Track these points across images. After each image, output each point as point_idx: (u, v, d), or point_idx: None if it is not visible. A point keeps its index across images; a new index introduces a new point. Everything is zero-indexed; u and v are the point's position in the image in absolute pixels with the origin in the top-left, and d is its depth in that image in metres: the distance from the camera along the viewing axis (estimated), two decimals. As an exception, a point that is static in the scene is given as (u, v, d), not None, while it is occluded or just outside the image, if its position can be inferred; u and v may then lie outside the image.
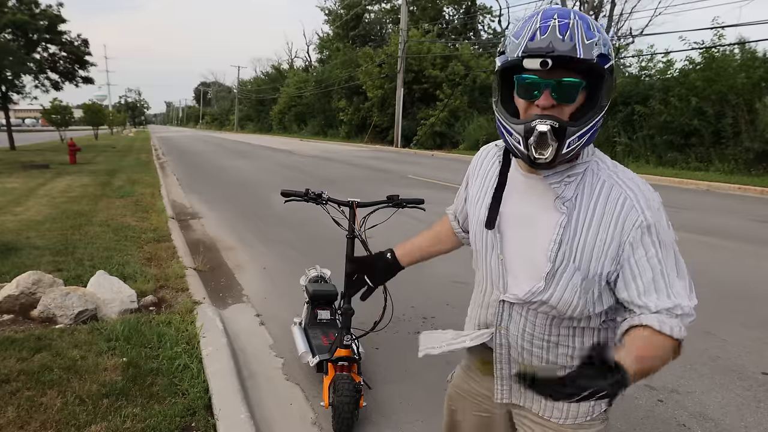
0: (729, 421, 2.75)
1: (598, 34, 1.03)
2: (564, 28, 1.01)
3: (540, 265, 1.14)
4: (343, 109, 35.92)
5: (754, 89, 14.23)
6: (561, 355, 1.22)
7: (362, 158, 20.23)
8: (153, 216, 7.56)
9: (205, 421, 2.53)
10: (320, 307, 3.34)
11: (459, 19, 36.95)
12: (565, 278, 1.12)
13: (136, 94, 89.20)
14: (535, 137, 1.03)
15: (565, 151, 1.05)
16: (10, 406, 2.52)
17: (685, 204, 9.86)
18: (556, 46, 1.00)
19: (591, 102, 1.07)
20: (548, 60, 1.00)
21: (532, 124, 1.04)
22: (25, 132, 49.94)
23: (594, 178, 1.13)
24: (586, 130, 1.06)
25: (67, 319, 3.60)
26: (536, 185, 1.16)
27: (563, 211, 1.12)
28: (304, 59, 63.44)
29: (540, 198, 1.16)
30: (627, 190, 1.11)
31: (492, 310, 1.26)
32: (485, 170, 1.31)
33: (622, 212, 1.09)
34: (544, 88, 1.05)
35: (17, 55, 19.37)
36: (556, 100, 1.05)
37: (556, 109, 1.06)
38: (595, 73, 1.05)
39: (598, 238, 1.10)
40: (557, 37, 1.01)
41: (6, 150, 21.64)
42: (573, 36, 1.01)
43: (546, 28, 1.02)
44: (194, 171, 15.55)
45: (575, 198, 1.12)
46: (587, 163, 1.14)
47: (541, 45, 1.01)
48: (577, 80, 1.04)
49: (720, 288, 4.84)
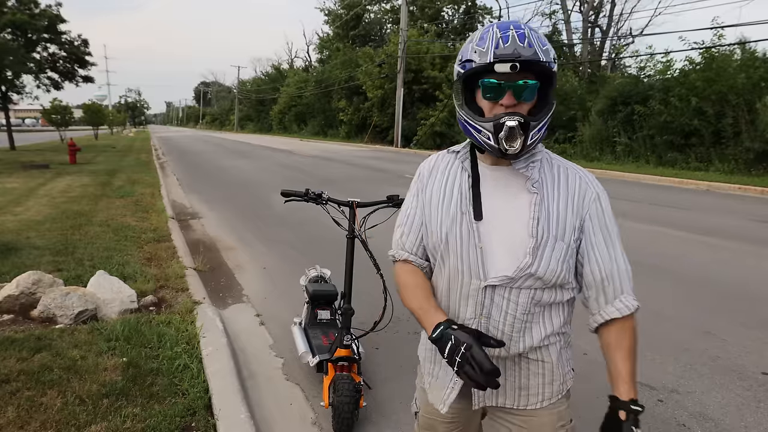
0: (729, 421, 2.75)
1: (547, 43, 1.22)
2: (522, 37, 1.18)
3: (523, 243, 1.25)
4: (343, 109, 35.91)
5: (755, 89, 14.22)
6: (536, 337, 1.30)
7: (362, 158, 20.23)
8: (153, 216, 7.57)
9: (205, 421, 2.53)
10: (320, 307, 3.34)
11: (459, 19, 36.94)
12: (548, 249, 1.25)
13: (136, 94, 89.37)
14: (506, 131, 1.18)
15: (530, 142, 1.21)
16: (10, 406, 2.52)
17: (685, 204, 9.86)
18: (521, 52, 1.17)
19: (543, 100, 1.25)
20: (517, 64, 1.16)
21: (501, 120, 1.19)
22: (25, 132, 49.94)
23: (550, 164, 1.32)
24: (543, 124, 1.23)
25: (67, 319, 3.60)
26: (504, 176, 1.31)
27: (535, 191, 1.27)
28: (304, 59, 63.54)
29: (510, 186, 1.30)
30: (579, 173, 1.33)
31: (472, 301, 1.30)
32: (443, 173, 1.39)
33: (580, 189, 1.30)
34: (508, 89, 1.20)
35: (17, 55, 19.36)
36: (517, 99, 1.21)
37: (517, 108, 1.22)
38: (546, 76, 1.22)
39: (568, 211, 1.28)
40: (519, 45, 1.17)
41: (6, 150, 21.64)
42: (531, 43, 1.18)
43: (507, 38, 1.18)
44: (194, 171, 15.55)
45: (541, 179, 1.29)
46: (541, 152, 1.33)
47: (508, 51, 1.17)
48: (535, 81, 1.21)
49: (720, 288, 4.84)
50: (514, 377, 1.34)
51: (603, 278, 1.29)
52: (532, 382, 1.34)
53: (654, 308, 4.27)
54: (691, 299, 4.53)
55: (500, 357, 1.31)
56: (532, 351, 1.32)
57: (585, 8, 25.94)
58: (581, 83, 21.20)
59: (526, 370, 1.33)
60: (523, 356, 1.32)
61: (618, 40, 26.54)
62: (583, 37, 26.09)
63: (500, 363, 1.31)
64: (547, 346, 1.32)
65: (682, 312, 4.22)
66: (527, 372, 1.33)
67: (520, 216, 1.26)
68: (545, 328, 1.31)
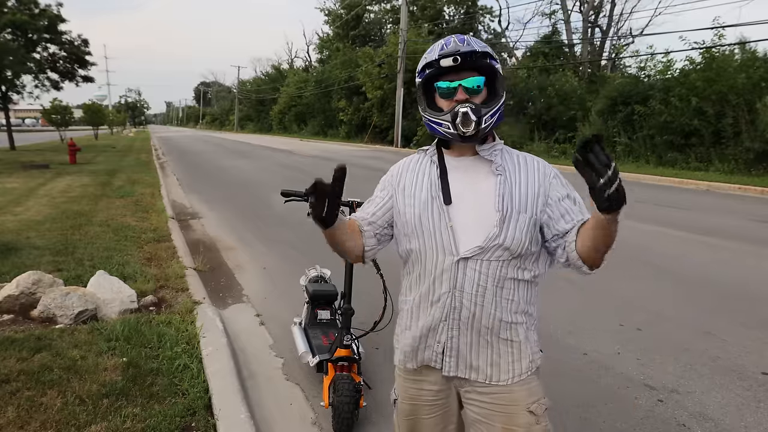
0: (729, 421, 2.75)
1: (485, 44, 1.45)
2: (461, 40, 1.43)
3: (490, 217, 1.42)
4: (343, 109, 35.89)
5: (755, 89, 14.22)
6: (506, 310, 1.43)
7: (362, 158, 20.23)
8: (153, 216, 7.57)
9: (205, 421, 2.53)
10: (320, 307, 3.34)
11: (459, 20, 36.93)
12: (513, 221, 1.41)
13: (136, 94, 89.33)
14: (461, 117, 1.39)
15: (484, 125, 1.41)
16: (10, 406, 2.52)
17: (685, 204, 9.86)
18: (460, 48, 1.41)
19: (492, 93, 1.46)
20: (458, 57, 1.39)
21: (456, 109, 1.41)
22: (25, 132, 49.92)
23: (509, 153, 1.53)
24: (495, 110, 1.43)
25: (67, 319, 3.60)
26: (469, 164, 1.50)
27: (499, 173, 1.46)
28: (304, 59, 63.48)
29: (475, 172, 1.49)
30: (536, 158, 1.54)
31: (447, 275, 1.43)
32: (413, 169, 1.57)
33: (540, 169, 1.50)
34: (458, 87, 1.43)
35: (17, 55, 19.36)
36: (467, 93, 1.43)
37: (470, 100, 1.43)
38: (490, 72, 1.45)
39: (530, 187, 1.46)
40: (459, 45, 1.42)
41: (6, 150, 21.64)
42: (470, 43, 1.42)
43: (449, 42, 1.44)
44: (194, 171, 15.55)
45: (503, 164, 1.49)
46: (501, 143, 1.53)
47: (450, 50, 1.41)
48: (479, 77, 1.43)
49: (720, 288, 4.84)
50: (487, 353, 1.44)
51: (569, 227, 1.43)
52: (503, 358, 1.45)
53: (654, 308, 4.27)
54: (691, 299, 4.53)
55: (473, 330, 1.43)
56: (502, 329, 1.43)
57: (585, 8, 25.94)
58: (581, 83, 21.21)
59: (496, 348, 1.44)
60: (494, 333, 1.43)
61: (618, 40, 26.55)
62: (583, 37, 26.10)
63: (473, 338, 1.44)
64: (515, 325, 1.45)
65: (682, 312, 4.21)
66: (497, 350, 1.44)
67: (487, 196, 1.44)
68: (513, 303, 1.44)
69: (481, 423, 1.47)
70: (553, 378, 2.75)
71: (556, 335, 3.74)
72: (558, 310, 4.14)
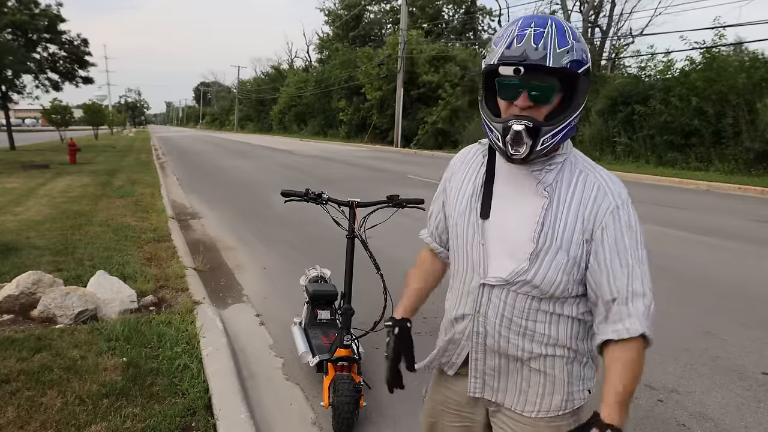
0: (729, 421, 2.75)
1: (571, 41, 1.13)
2: (538, 37, 1.11)
3: (524, 246, 1.20)
4: (343, 109, 35.91)
5: (755, 89, 14.22)
6: (536, 343, 1.25)
7: (362, 158, 20.22)
8: (153, 216, 7.56)
9: (205, 421, 2.53)
10: (320, 307, 3.33)
11: (459, 19, 36.93)
12: (549, 258, 1.18)
13: (136, 94, 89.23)
14: (511, 136, 1.15)
15: (539, 148, 1.16)
16: (10, 406, 2.51)
17: (685, 204, 9.86)
18: (529, 55, 1.10)
19: (567, 102, 1.17)
20: (521, 68, 1.11)
21: (509, 123, 1.15)
22: (25, 132, 49.91)
23: (572, 167, 1.24)
24: (560, 129, 1.16)
25: (67, 319, 3.60)
26: (518, 174, 1.25)
27: (545, 195, 1.21)
28: (304, 59, 63.47)
29: (522, 185, 1.25)
30: (600, 179, 1.22)
31: (472, 297, 1.29)
32: (468, 165, 1.37)
33: (597, 196, 1.19)
34: (523, 90, 1.15)
35: (17, 55, 19.36)
36: (533, 101, 1.15)
37: (534, 110, 1.16)
38: (570, 77, 1.15)
39: (578, 220, 1.19)
40: (531, 46, 1.11)
41: (6, 150, 21.63)
42: (546, 45, 1.11)
43: (522, 37, 1.12)
44: (194, 171, 15.55)
45: (555, 184, 1.22)
46: (566, 155, 1.24)
47: (515, 54, 1.11)
48: (552, 83, 1.15)
49: (720, 288, 4.84)
50: (516, 378, 1.30)
51: (610, 297, 1.18)
52: (532, 389, 1.29)
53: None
54: (691, 299, 4.53)
55: (499, 354, 1.30)
56: (534, 359, 1.26)
57: (585, 8, 25.95)
58: (581, 83, 21.17)
59: (527, 376, 1.29)
60: (524, 362, 1.28)
61: (618, 40, 26.55)
62: (583, 37, 26.10)
63: (503, 361, 1.30)
64: (552, 357, 1.26)
65: (682, 312, 4.21)
66: (528, 378, 1.29)
67: (527, 219, 1.21)
68: (546, 337, 1.25)
69: None
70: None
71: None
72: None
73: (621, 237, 1.17)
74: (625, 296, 1.16)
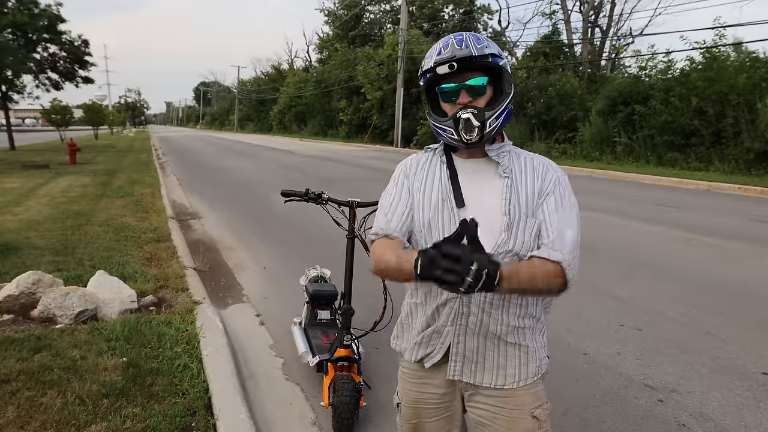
0: (729, 421, 2.75)
1: (486, 42, 1.39)
2: (459, 41, 1.37)
3: (498, 222, 1.38)
4: (343, 109, 35.90)
5: (755, 89, 14.22)
6: (512, 314, 1.41)
7: (362, 158, 20.22)
8: (153, 216, 7.57)
9: (205, 421, 2.53)
10: (320, 307, 3.33)
11: (458, 19, 36.93)
12: (521, 225, 1.38)
13: (136, 94, 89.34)
14: (462, 124, 1.36)
15: (488, 129, 1.37)
16: (10, 406, 2.52)
17: (685, 204, 9.86)
18: (457, 54, 1.35)
19: (498, 92, 1.41)
20: (454, 63, 1.34)
21: (458, 115, 1.36)
22: (25, 132, 49.93)
23: (517, 155, 1.48)
24: (500, 112, 1.39)
25: (67, 319, 3.60)
26: (478, 166, 1.46)
27: (506, 175, 1.42)
28: (304, 59, 63.39)
29: (483, 174, 1.45)
30: (543, 160, 1.48)
31: None
32: (425, 168, 1.52)
33: (544, 171, 1.44)
34: (461, 89, 1.38)
35: (17, 54, 19.36)
36: (471, 96, 1.38)
37: (474, 103, 1.39)
38: (494, 71, 1.39)
39: (535, 189, 1.42)
40: (456, 48, 1.36)
41: (6, 150, 21.65)
42: (468, 44, 1.36)
43: (447, 44, 1.37)
44: (194, 171, 15.55)
45: (511, 167, 1.44)
46: (509, 145, 1.49)
47: (446, 55, 1.36)
48: (482, 78, 1.38)
49: (720, 288, 4.84)
50: (493, 357, 1.43)
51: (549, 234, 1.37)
52: (510, 362, 1.43)
53: (654, 308, 4.27)
54: (691, 299, 4.53)
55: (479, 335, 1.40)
56: (510, 332, 1.41)
57: (585, 8, 25.92)
58: (581, 83, 21.19)
59: (503, 352, 1.42)
60: (501, 339, 1.41)
61: (618, 40, 26.54)
62: (583, 37, 26.07)
63: (480, 343, 1.42)
64: (523, 330, 1.42)
65: (682, 312, 4.21)
66: (505, 353, 1.43)
67: (495, 199, 1.40)
68: (521, 308, 1.41)
69: (484, 426, 1.46)
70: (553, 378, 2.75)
71: (556, 335, 3.74)
72: (558, 309, 4.13)
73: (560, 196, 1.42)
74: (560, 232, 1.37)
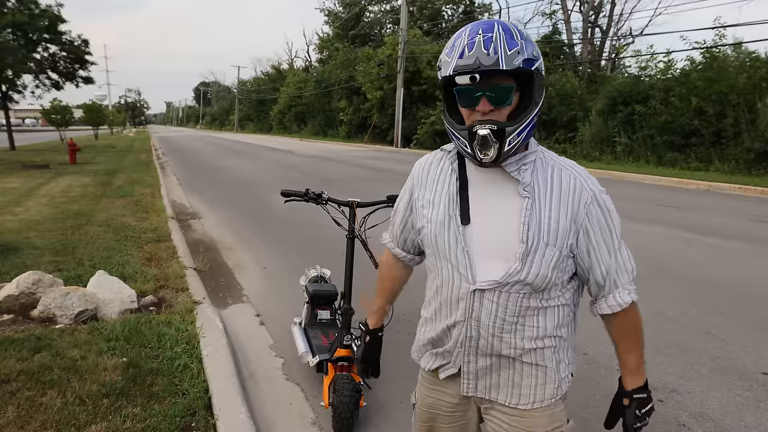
0: (729, 421, 2.75)
1: (520, 41, 1.15)
2: (488, 42, 1.13)
3: (513, 247, 1.22)
4: (343, 109, 35.91)
5: (755, 89, 14.22)
6: (527, 338, 1.28)
7: (362, 158, 20.22)
8: (153, 216, 7.56)
9: (205, 421, 2.53)
10: (320, 307, 3.33)
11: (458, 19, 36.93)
12: (539, 255, 1.21)
13: (136, 94, 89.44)
14: (478, 141, 1.16)
15: (507, 148, 1.18)
16: (10, 406, 2.51)
17: (685, 204, 9.85)
18: (482, 61, 1.12)
19: (525, 100, 1.19)
20: (476, 75, 1.13)
21: (474, 129, 1.17)
22: (25, 132, 49.91)
23: (544, 164, 1.26)
24: (523, 127, 1.18)
25: (67, 319, 3.60)
26: (494, 177, 1.26)
27: (526, 195, 1.22)
28: (304, 59, 63.46)
29: (500, 188, 1.26)
30: (574, 173, 1.26)
31: (462, 304, 1.29)
32: (436, 174, 1.37)
33: (575, 188, 1.23)
34: (482, 95, 1.17)
35: (17, 54, 19.36)
36: (493, 104, 1.17)
37: (495, 112, 1.18)
38: (525, 76, 1.17)
39: (561, 215, 1.22)
40: (483, 52, 1.12)
41: (6, 150, 21.64)
42: (497, 48, 1.12)
43: (472, 45, 1.14)
44: (194, 171, 15.55)
45: (533, 182, 1.23)
46: (535, 152, 1.27)
47: (469, 62, 1.13)
48: (509, 85, 1.17)
49: (720, 288, 4.84)
50: (508, 374, 1.32)
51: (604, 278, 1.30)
52: (525, 382, 1.32)
53: (654, 308, 4.27)
54: (691, 299, 4.53)
55: (491, 356, 1.31)
56: (525, 353, 1.29)
57: (585, 8, 25.92)
58: (581, 83, 21.20)
59: (519, 370, 1.32)
60: (517, 359, 1.30)
61: (618, 40, 26.54)
62: (583, 37, 26.07)
63: (493, 362, 1.32)
64: (542, 349, 1.30)
65: (682, 312, 4.21)
66: (521, 371, 1.31)
67: (511, 220, 1.22)
68: (536, 330, 1.28)
69: None
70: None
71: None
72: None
73: (603, 221, 1.25)
74: (615, 271, 1.28)
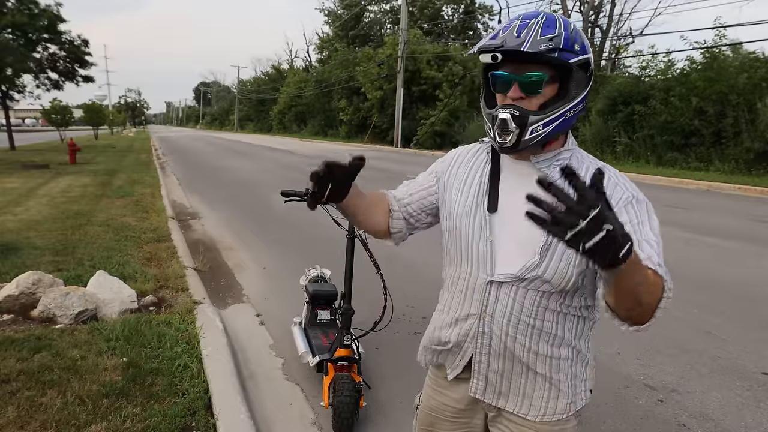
0: (729, 421, 2.75)
1: (560, 31, 1.12)
2: (522, 27, 1.12)
3: (533, 240, 1.17)
4: (343, 109, 35.93)
5: (755, 89, 14.22)
6: (543, 343, 1.23)
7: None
8: (153, 216, 7.56)
9: (205, 421, 2.53)
10: (320, 307, 3.34)
11: (458, 19, 36.94)
12: (560, 250, 1.16)
13: (136, 94, 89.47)
14: (498, 124, 1.16)
15: (528, 137, 1.15)
16: (10, 406, 2.51)
17: (685, 204, 9.86)
18: (508, 42, 1.11)
19: (561, 94, 1.16)
20: (497, 54, 1.12)
21: (496, 112, 1.16)
22: (25, 132, 49.92)
23: (579, 163, 1.24)
24: (551, 119, 1.15)
25: (67, 319, 3.60)
26: (525, 170, 1.24)
27: None
28: (304, 59, 63.46)
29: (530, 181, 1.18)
30: (610, 173, 1.20)
31: (477, 296, 1.25)
32: (468, 163, 1.35)
33: (608, 188, 1.14)
34: (514, 81, 1.16)
35: (17, 54, 19.36)
36: (523, 92, 1.16)
37: (525, 101, 1.16)
38: (565, 68, 1.14)
39: None
40: (512, 35, 1.11)
41: (6, 150, 21.63)
42: (528, 33, 1.10)
43: (507, 28, 1.14)
44: (194, 171, 15.55)
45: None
46: (572, 150, 1.24)
47: (495, 42, 1.12)
48: (540, 74, 1.14)
49: (720, 288, 4.84)
50: (520, 383, 1.27)
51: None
52: (537, 393, 1.26)
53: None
54: (691, 299, 4.53)
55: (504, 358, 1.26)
56: (540, 361, 1.24)
57: (585, 8, 25.94)
58: (581, 83, 21.20)
59: (532, 380, 1.26)
60: (530, 367, 1.25)
61: (618, 40, 26.56)
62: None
63: (507, 364, 1.26)
64: (557, 360, 1.24)
65: (682, 312, 4.21)
66: (533, 382, 1.26)
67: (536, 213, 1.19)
68: (553, 337, 1.23)
69: None
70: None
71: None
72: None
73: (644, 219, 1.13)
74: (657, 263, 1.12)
